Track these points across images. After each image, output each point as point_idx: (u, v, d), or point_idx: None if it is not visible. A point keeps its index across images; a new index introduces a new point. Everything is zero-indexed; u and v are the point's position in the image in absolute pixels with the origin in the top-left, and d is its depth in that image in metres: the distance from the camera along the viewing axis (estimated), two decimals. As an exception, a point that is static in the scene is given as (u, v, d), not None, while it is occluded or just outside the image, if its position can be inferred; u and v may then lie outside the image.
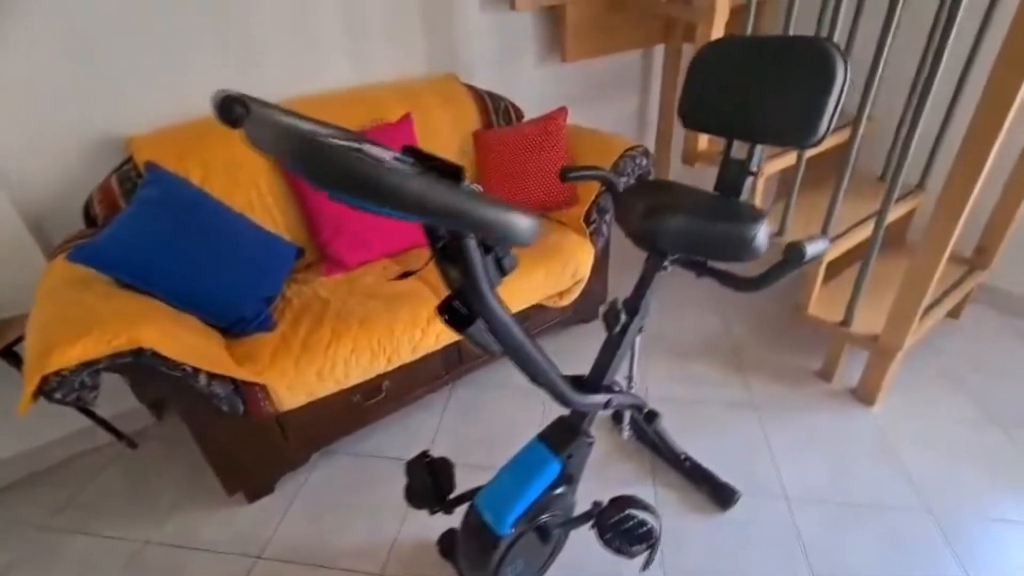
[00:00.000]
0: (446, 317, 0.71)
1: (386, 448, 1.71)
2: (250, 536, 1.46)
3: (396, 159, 0.59)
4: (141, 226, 1.35)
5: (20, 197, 1.49)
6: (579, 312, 2.09)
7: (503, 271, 0.69)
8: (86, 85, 1.49)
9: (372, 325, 1.48)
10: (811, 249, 0.86)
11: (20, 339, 1.42)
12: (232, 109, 0.50)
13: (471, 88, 2.07)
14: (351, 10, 1.84)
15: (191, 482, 1.63)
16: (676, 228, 0.98)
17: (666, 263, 1.09)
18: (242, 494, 1.54)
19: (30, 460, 1.69)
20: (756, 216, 0.97)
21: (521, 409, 1.83)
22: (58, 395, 1.06)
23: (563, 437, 1.08)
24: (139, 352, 1.13)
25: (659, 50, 2.72)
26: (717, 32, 1.73)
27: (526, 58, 2.33)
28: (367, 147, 0.59)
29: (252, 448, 1.47)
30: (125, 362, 1.13)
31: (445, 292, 0.72)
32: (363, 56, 1.93)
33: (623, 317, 1.08)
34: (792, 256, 0.87)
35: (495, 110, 2.10)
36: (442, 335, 1.59)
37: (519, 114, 2.16)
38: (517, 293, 1.71)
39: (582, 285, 1.90)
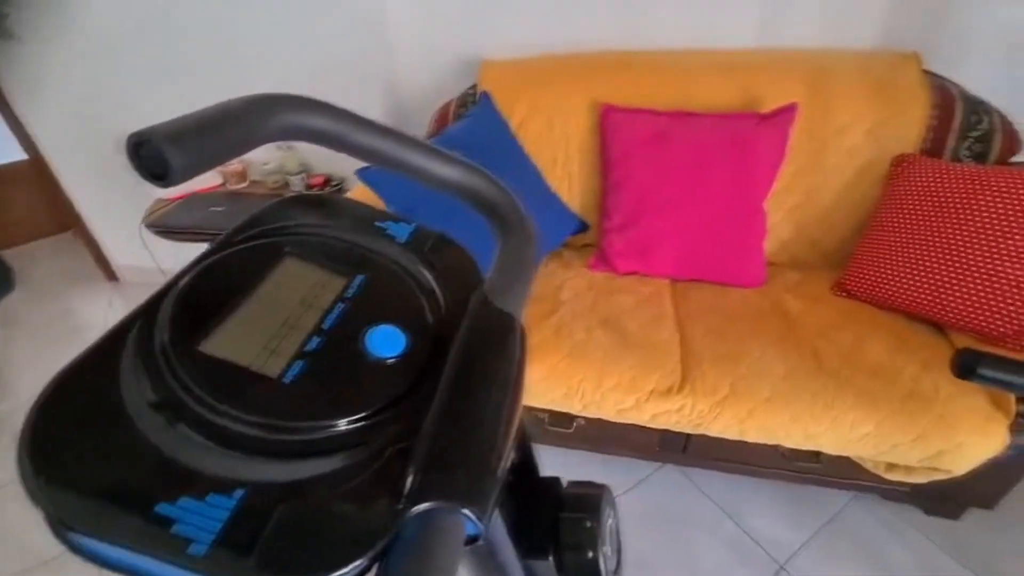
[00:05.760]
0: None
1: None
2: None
3: None
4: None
5: (401, 103, 1.73)
6: (924, 494, 1.25)
7: None
8: (468, 10, 1.53)
9: (581, 362, 1.17)
10: None
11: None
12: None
13: (939, 83, 1.26)
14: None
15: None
16: None
17: None
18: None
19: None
20: None
21: (710, 534, 1.28)
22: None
23: None
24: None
25: None
26: None
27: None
28: None
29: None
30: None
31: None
32: (779, 9, 1.37)
33: None
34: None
35: (964, 129, 1.24)
36: (660, 417, 1.16)
37: (1013, 146, 1.24)
38: (785, 417, 1.08)
39: (940, 476, 1.08)
